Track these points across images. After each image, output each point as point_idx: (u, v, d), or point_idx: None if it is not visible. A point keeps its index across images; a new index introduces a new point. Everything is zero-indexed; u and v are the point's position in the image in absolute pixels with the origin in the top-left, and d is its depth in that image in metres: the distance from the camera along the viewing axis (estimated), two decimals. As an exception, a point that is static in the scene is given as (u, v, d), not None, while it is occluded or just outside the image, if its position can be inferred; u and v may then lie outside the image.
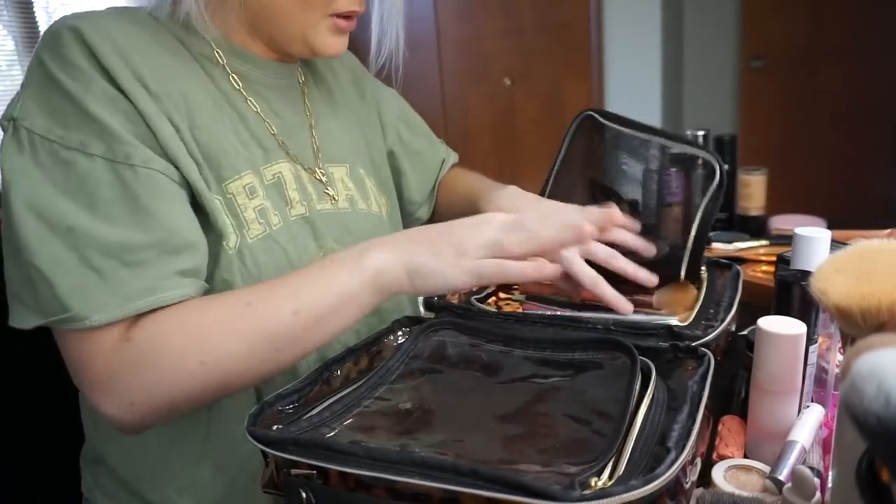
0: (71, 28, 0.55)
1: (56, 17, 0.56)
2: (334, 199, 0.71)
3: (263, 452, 0.43)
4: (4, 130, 0.54)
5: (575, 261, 0.63)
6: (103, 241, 0.51)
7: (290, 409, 0.49)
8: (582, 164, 0.85)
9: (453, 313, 0.66)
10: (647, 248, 0.70)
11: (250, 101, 0.65)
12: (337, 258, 0.56)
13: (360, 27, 0.70)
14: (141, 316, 0.52)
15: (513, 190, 0.78)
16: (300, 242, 0.64)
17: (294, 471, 0.41)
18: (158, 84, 0.57)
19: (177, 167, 0.57)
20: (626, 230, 0.70)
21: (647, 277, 0.66)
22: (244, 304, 0.53)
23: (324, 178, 0.71)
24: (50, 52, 0.55)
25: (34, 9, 2.53)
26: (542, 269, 0.60)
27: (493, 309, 0.70)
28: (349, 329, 0.57)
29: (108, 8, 0.60)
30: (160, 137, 0.56)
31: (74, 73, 0.54)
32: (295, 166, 0.67)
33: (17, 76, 2.52)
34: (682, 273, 0.71)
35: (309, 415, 0.48)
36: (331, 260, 0.56)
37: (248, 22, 0.64)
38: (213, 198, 0.59)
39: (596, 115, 0.83)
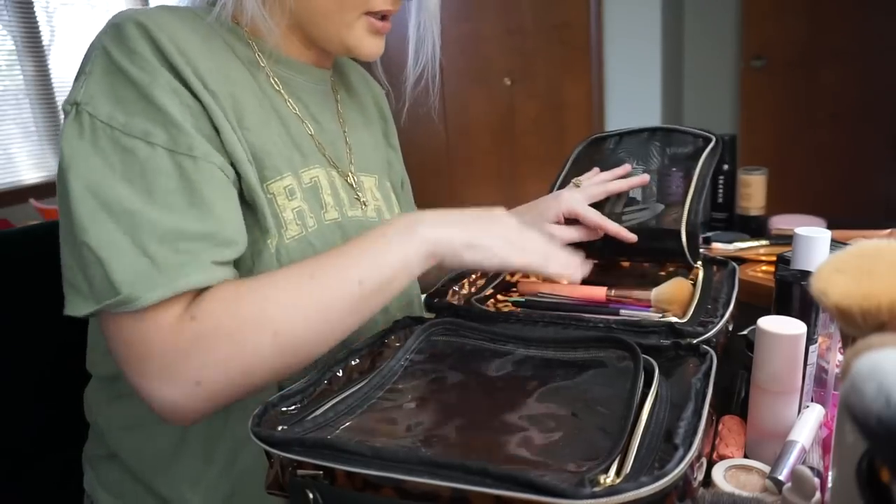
0: (135, 22, 0.56)
1: (56, 17, 0.57)
2: (364, 205, 0.73)
3: (268, 453, 0.43)
4: (66, 114, 0.54)
5: (583, 208, 0.78)
6: (159, 227, 0.51)
7: (293, 409, 0.49)
8: (587, 167, 0.87)
9: (454, 313, 0.66)
10: (642, 180, 0.81)
11: (290, 102, 0.67)
12: (390, 230, 0.58)
13: (398, 37, 0.71)
14: (199, 294, 0.52)
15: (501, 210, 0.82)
16: (332, 246, 0.65)
17: (300, 471, 0.41)
18: (214, 83, 0.58)
19: (233, 164, 0.58)
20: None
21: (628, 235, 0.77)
22: (308, 276, 0.54)
23: (355, 185, 0.73)
24: (115, 42, 0.55)
25: (34, 9, 2.53)
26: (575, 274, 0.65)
27: (493, 310, 0.70)
28: (398, 295, 0.59)
29: (161, 6, 0.61)
30: (221, 133, 0.57)
31: (141, 63, 0.55)
32: (329, 171, 0.69)
33: (17, 76, 2.52)
34: (684, 238, 0.74)
35: (313, 415, 0.48)
36: (383, 232, 0.57)
37: (287, 22, 0.65)
38: (262, 195, 0.60)
39: (602, 134, 0.91)
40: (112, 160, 0.52)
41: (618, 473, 0.39)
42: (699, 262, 0.77)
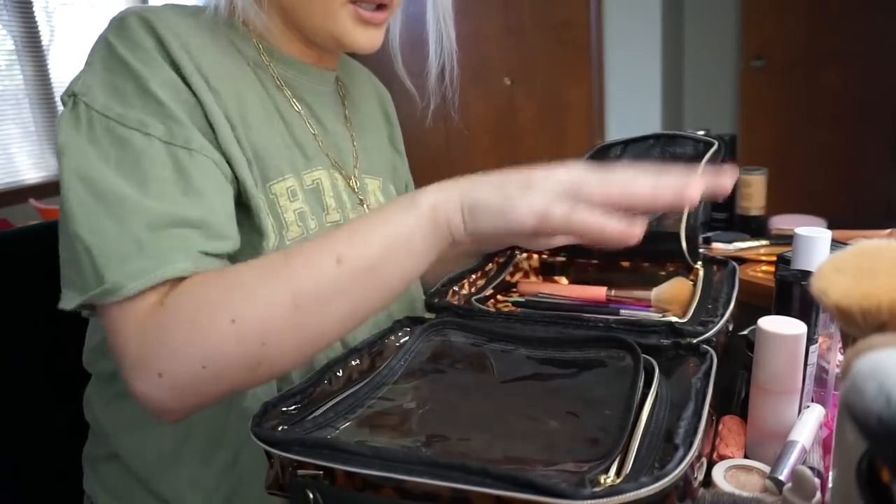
0: (139, 17, 0.56)
1: (56, 17, 0.57)
2: (367, 208, 0.72)
3: (268, 453, 0.43)
4: (65, 105, 0.54)
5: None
6: (150, 214, 0.50)
7: (293, 409, 0.49)
8: None
9: (454, 313, 0.66)
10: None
11: (293, 102, 0.67)
12: (391, 204, 0.51)
13: (418, 31, 0.70)
14: (178, 281, 0.49)
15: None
16: None
17: (300, 471, 0.41)
18: (217, 81, 0.58)
19: (229, 163, 0.57)
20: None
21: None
22: (283, 257, 0.49)
23: (357, 188, 0.72)
24: (118, 35, 0.56)
25: (34, 9, 2.53)
26: (628, 233, 0.46)
27: (493, 310, 0.70)
28: (410, 281, 0.51)
29: (167, 4, 0.61)
30: (217, 132, 0.57)
31: (142, 57, 0.55)
32: (332, 173, 0.69)
33: (16, 76, 2.52)
34: (683, 240, 0.74)
35: (313, 415, 0.48)
36: (383, 207, 0.52)
37: (279, 16, 0.65)
38: (258, 196, 0.59)
39: (608, 143, 0.91)
40: (107, 150, 0.52)
41: (618, 473, 0.39)
42: (699, 262, 0.77)
